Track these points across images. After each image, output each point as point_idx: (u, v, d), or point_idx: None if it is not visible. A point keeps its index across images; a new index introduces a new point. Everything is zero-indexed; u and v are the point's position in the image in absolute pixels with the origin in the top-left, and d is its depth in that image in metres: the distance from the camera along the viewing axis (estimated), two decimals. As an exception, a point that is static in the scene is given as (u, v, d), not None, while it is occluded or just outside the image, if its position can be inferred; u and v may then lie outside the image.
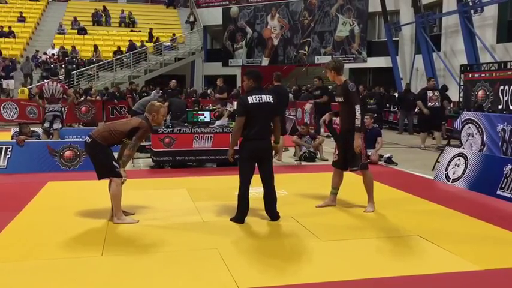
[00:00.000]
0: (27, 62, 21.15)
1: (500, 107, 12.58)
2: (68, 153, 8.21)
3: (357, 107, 5.38)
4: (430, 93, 11.28)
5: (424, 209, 5.89)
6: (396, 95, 18.55)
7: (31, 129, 9.20)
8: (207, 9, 28.74)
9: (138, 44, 24.32)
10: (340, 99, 5.59)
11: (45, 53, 22.26)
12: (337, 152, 5.78)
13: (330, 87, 14.07)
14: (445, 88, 14.73)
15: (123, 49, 23.52)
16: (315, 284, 3.60)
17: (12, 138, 8.83)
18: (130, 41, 23.58)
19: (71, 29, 25.52)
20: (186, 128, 8.62)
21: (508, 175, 6.39)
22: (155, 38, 25.18)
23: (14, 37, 23.58)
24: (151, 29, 25.61)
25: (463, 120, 8.12)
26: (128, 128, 5.15)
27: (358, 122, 5.38)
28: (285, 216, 5.33)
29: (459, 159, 7.40)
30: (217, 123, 9.40)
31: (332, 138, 11.86)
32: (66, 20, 26.13)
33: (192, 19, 26.91)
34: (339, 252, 4.33)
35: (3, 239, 4.61)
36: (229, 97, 16.09)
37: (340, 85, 5.61)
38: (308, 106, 15.41)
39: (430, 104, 11.20)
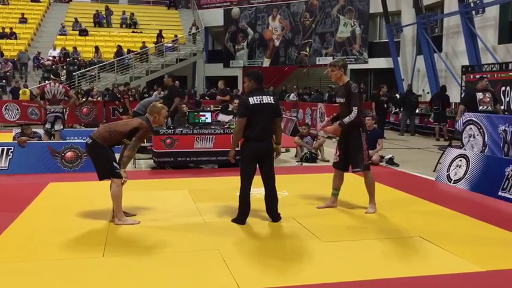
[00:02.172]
0: (25, 52, 21.43)
1: (501, 107, 12.57)
2: (69, 154, 8.22)
3: (355, 109, 5.39)
4: (480, 95, 9.59)
5: (426, 210, 5.88)
6: (398, 96, 18.56)
7: (33, 130, 9.20)
8: (208, 10, 28.78)
9: (140, 45, 24.34)
10: (341, 100, 5.58)
11: (48, 60, 22.26)
12: (338, 153, 5.77)
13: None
14: (443, 89, 14.69)
15: (125, 50, 23.54)
16: (316, 285, 3.59)
17: (13, 139, 8.84)
18: (118, 46, 23.27)
19: (73, 30, 25.54)
20: (187, 129, 8.63)
21: (509, 176, 6.38)
22: (156, 39, 25.18)
23: (15, 38, 23.61)
24: (160, 30, 25.62)
25: (464, 121, 8.10)
26: (128, 128, 5.15)
27: (347, 120, 5.40)
28: (286, 217, 5.33)
29: (461, 160, 7.39)
30: (220, 116, 9.40)
31: (333, 140, 11.85)
32: (67, 21, 26.15)
33: (193, 30, 26.49)
34: (340, 253, 4.33)
35: (5, 240, 4.61)
36: (231, 99, 16.08)
37: (342, 86, 5.60)
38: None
39: (481, 107, 9.45)
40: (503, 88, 12.78)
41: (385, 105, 14.23)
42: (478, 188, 6.81)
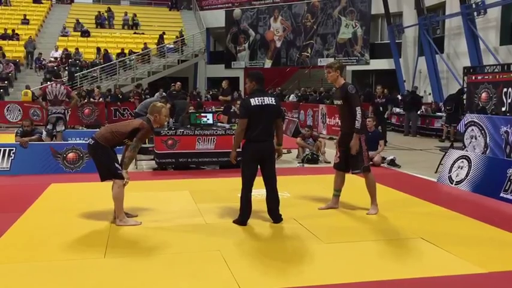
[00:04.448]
0: (31, 41, 21.87)
1: (503, 109, 12.57)
2: (71, 155, 8.23)
3: (358, 109, 5.37)
4: None
5: (427, 211, 5.87)
6: (399, 97, 18.57)
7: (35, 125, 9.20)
8: (210, 11, 28.82)
9: (141, 46, 24.38)
10: (339, 102, 5.58)
11: (50, 61, 22.29)
12: (338, 154, 5.77)
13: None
14: (459, 92, 14.55)
15: (126, 51, 23.57)
16: (317, 287, 3.59)
17: (16, 135, 8.84)
18: (105, 50, 23.11)
19: (74, 31, 25.61)
20: (189, 130, 8.63)
21: (511, 177, 6.36)
22: (158, 41, 25.20)
23: (17, 39, 23.66)
24: (164, 32, 25.63)
25: (466, 122, 8.10)
26: (129, 129, 5.15)
27: (358, 124, 5.38)
28: (288, 218, 5.33)
29: (462, 161, 7.38)
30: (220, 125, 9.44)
31: (335, 140, 11.84)
32: (69, 23, 26.21)
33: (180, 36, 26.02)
34: (341, 254, 4.32)
35: (6, 241, 4.62)
36: (233, 99, 16.10)
37: (339, 87, 5.60)
38: None
39: None
40: (505, 89, 12.75)
41: (381, 108, 12.90)
42: (480, 190, 6.80)
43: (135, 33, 26.65)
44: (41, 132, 9.23)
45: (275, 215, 5.26)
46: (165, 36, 25.58)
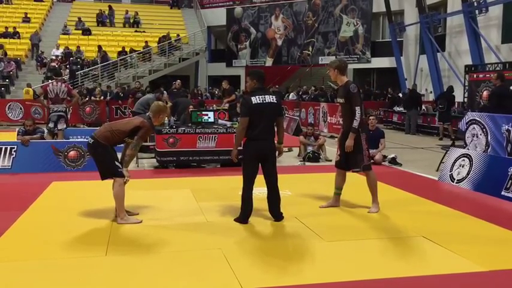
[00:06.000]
0: (36, 34, 22.13)
1: (505, 107, 12.51)
2: (72, 153, 8.24)
3: (357, 109, 5.38)
4: None
5: (429, 209, 5.87)
6: (400, 95, 18.56)
7: (36, 125, 9.19)
8: (211, 9, 28.81)
9: (143, 44, 24.36)
10: (341, 100, 5.59)
11: (52, 59, 22.26)
12: (339, 153, 5.77)
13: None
14: (450, 89, 14.61)
15: (127, 49, 23.55)
16: (318, 285, 3.59)
17: (18, 134, 8.84)
18: (104, 52, 22.81)
19: (76, 29, 25.60)
20: (190, 129, 8.63)
21: (512, 176, 6.36)
22: (159, 40, 25.14)
23: (18, 38, 23.65)
24: (168, 33, 25.58)
25: (467, 120, 8.09)
26: (130, 127, 5.15)
27: (356, 124, 5.38)
28: (289, 216, 5.33)
29: (464, 159, 7.38)
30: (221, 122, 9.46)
31: (335, 139, 11.83)
32: (70, 21, 26.21)
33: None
34: (343, 252, 4.33)
35: (8, 239, 4.63)
36: (237, 98, 16.09)
37: (342, 86, 5.61)
38: None
39: None
40: (506, 88, 12.72)
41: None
42: (481, 188, 6.79)
43: (136, 31, 26.63)
44: (43, 132, 9.24)
45: (276, 213, 5.26)
46: (164, 34, 25.49)
